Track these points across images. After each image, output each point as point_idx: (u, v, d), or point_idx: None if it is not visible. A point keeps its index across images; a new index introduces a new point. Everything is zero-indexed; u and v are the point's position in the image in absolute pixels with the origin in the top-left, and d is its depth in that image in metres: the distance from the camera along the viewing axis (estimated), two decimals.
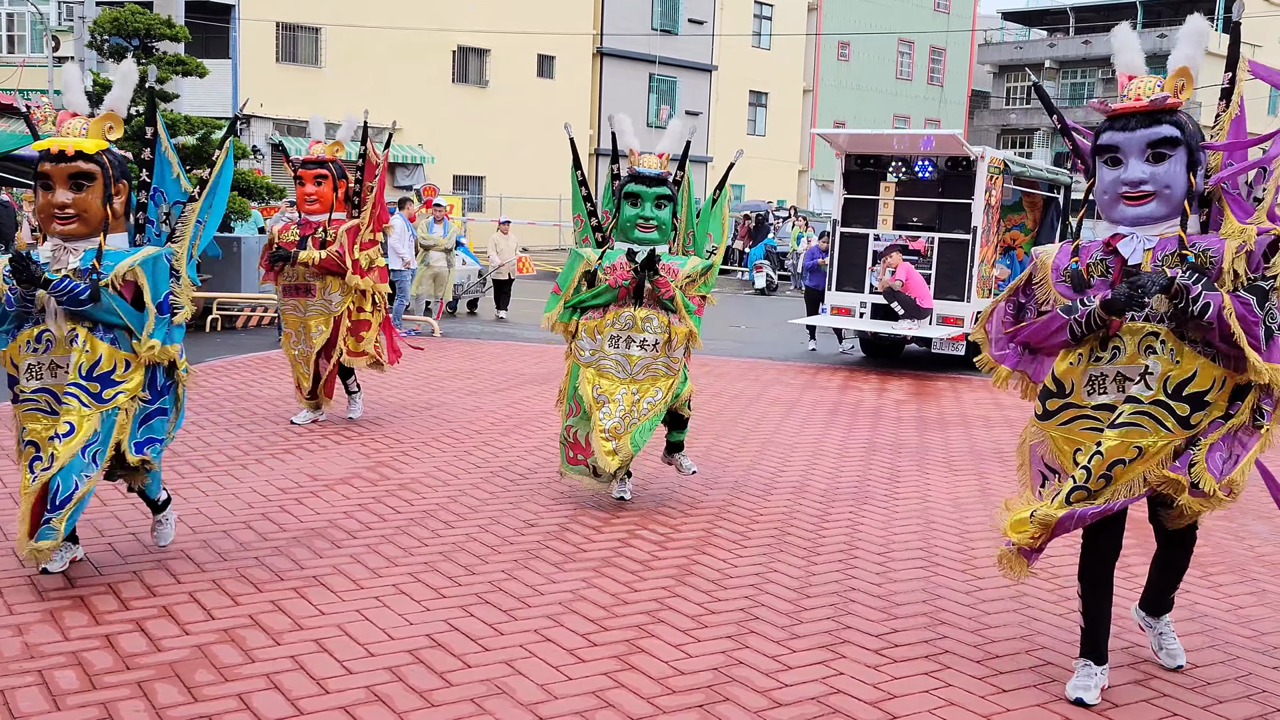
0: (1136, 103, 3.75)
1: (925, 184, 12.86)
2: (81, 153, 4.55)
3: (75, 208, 4.56)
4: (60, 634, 4.17)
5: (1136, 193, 3.75)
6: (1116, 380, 3.81)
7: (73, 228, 4.59)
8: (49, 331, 4.58)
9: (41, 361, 4.58)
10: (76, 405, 4.52)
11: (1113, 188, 3.80)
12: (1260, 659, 4.45)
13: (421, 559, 5.25)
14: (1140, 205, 3.76)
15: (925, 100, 51.93)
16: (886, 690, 4.00)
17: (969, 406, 10.57)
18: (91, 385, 4.57)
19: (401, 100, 31.12)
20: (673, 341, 6.19)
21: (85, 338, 4.56)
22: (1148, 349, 3.75)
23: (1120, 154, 3.77)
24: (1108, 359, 3.82)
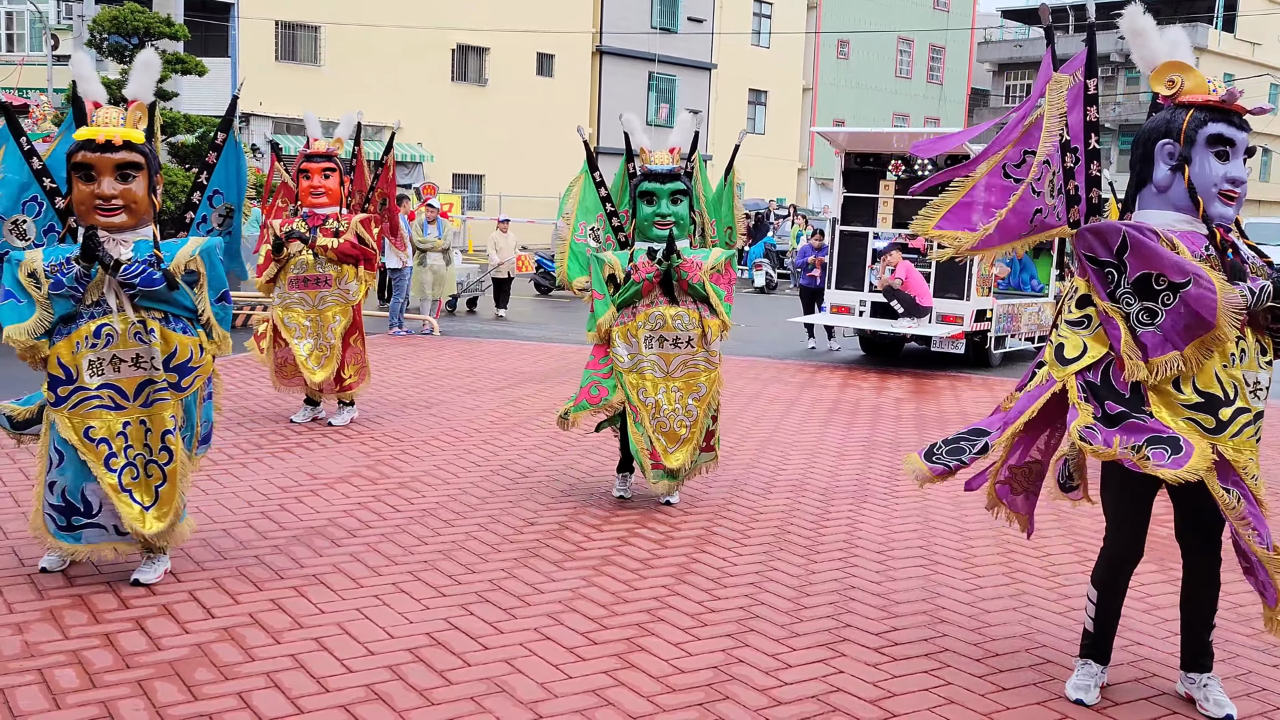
0: (1239, 106, 3.71)
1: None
2: (129, 142, 4.52)
3: (123, 199, 4.52)
4: (60, 632, 4.17)
5: (1236, 192, 3.69)
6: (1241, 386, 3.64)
7: (120, 219, 4.55)
8: (109, 325, 4.55)
9: (103, 357, 4.55)
10: (169, 399, 4.61)
11: (1218, 181, 3.66)
12: (1260, 657, 4.45)
13: (421, 557, 5.25)
14: (1232, 205, 3.71)
15: (925, 98, 51.92)
16: (886, 689, 4.00)
17: (968, 405, 10.57)
18: (170, 376, 4.62)
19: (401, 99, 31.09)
20: (707, 335, 6.21)
21: (159, 330, 4.59)
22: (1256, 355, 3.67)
23: (1232, 150, 3.68)
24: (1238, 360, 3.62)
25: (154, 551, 4.78)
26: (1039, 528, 6.20)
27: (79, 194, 4.53)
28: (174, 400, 4.65)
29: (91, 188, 4.49)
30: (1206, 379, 3.59)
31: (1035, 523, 6.33)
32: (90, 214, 4.52)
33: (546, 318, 17.70)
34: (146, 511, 4.64)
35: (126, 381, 4.59)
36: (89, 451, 4.57)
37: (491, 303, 17.59)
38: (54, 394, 4.59)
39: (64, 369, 4.56)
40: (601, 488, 6.71)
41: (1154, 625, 4.77)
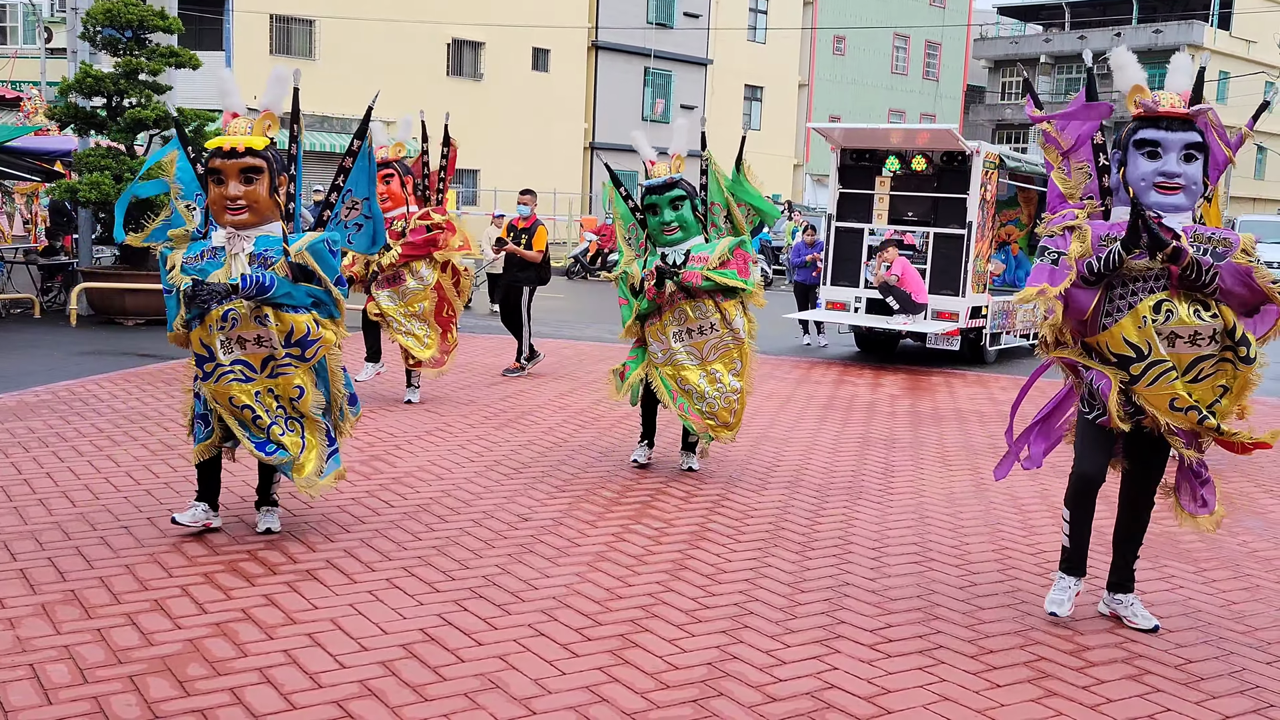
0: (1173, 109, 4.37)
1: (920, 178, 12.86)
2: (250, 149, 5.07)
3: (246, 199, 5.07)
4: (52, 628, 4.16)
5: (1172, 183, 4.34)
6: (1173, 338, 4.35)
7: (244, 217, 5.10)
8: (233, 310, 5.08)
9: (230, 337, 5.12)
10: (292, 370, 5.20)
11: (1147, 176, 4.36)
12: (1254, 654, 4.45)
13: (415, 553, 5.24)
14: (1173, 195, 4.35)
15: (921, 95, 51.90)
16: (881, 685, 3.99)
17: (963, 401, 10.57)
18: (294, 350, 5.18)
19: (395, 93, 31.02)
20: (726, 316, 6.76)
21: (273, 314, 5.11)
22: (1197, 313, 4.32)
23: (1161, 148, 4.34)
24: (1163, 320, 4.33)
25: (268, 505, 5.52)
26: (1033, 524, 6.20)
27: (212, 195, 5.16)
28: (299, 370, 5.23)
29: (221, 190, 5.09)
30: (1117, 344, 4.41)
31: (1029, 517, 6.35)
32: (221, 213, 5.12)
33: (542, 313, 17.66)
34: (299, 457, 5.28)
35: (252, 357, 5.19)
36: (232, 415, 5.23)
37: (486, 298, 17.56)
38: (201, 369, 5.24)
39: (206, 348, 5.19)
40: (596, 483, 6.71)
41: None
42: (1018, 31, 59.82)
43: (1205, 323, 4.31)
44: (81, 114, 14.54)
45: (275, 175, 5.17)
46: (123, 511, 5.67)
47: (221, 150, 5.08)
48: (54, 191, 15.08)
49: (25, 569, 4.76)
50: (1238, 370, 4.38)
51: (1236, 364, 4.37)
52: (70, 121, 14.69)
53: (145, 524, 5.48)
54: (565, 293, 21.88)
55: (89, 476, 6.34)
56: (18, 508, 5.67)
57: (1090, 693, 4.01)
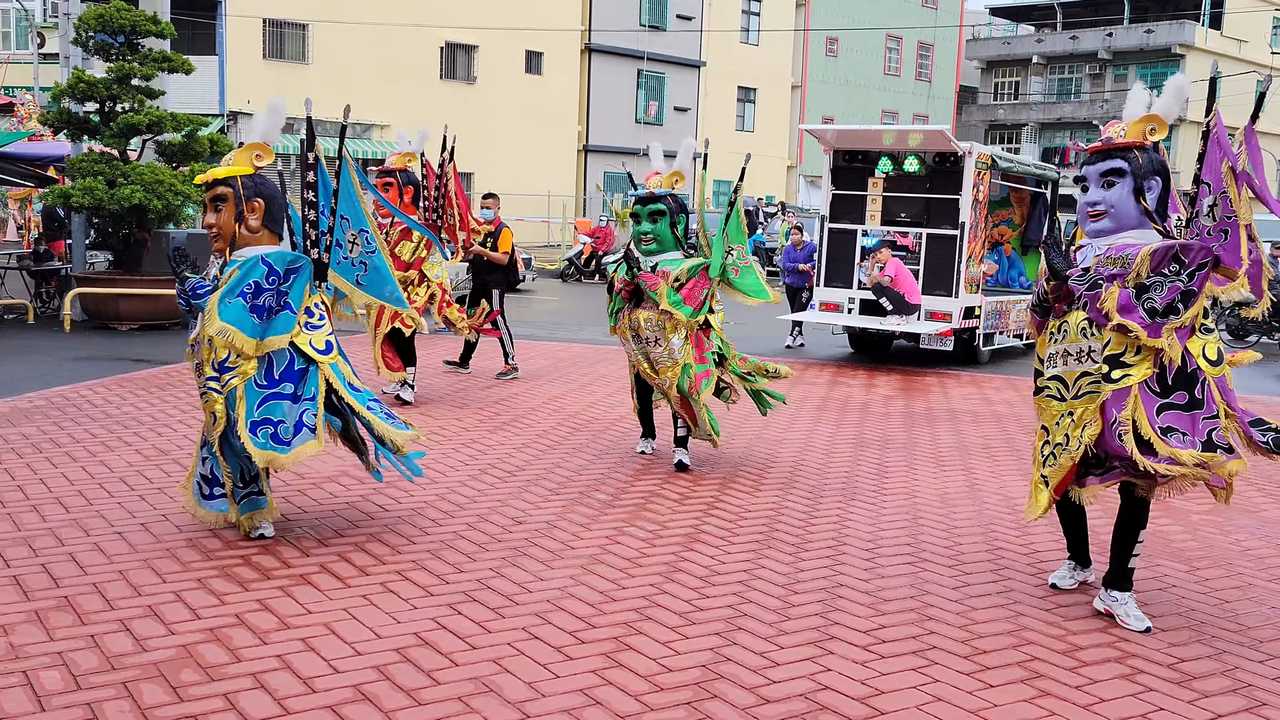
0: (1090, 146, 4.82)
1: (913, 179, 12.87)
2: (217, 179, 5.34)
3: (216, 226, 5.33)
4: (46, 634, 4.15)
5: (1094, 210, 4.74)
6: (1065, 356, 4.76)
7: (219, 244, 5.37)
8: (195, 333, 5.34)
9: (194, 361, 5.41)
10: (213, 396, 5.26)
11: (1081, 210, 4.81)
12: (1246, 653, 4.46)
13: (409, 557, 5.24)
14: (1096, 221, 4.75)
15: (913, 96, 51.98)
16: (874, 686, 4.00)
17: (957, 402, 10.59)
18: (219, 377, 5.24)
19: (389, 97, 31.09)
20: (671, 333, 6.96)
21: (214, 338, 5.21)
22: (1083, 330, 4.69)
23: (1087, 181, 4.78)
24: (1060, 339, 4.78)
25: None
26: (1026, 525, 6.21)
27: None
28: (216, 396, 5.22)
29: (205, 220, 5.39)
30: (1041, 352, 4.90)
31: (1021, 511, 6.36)
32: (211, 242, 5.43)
33: (535, 316, 17.68)
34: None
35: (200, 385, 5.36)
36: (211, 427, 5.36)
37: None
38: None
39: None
40: (591, 486, 6.71)
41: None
42: (1010, 32, 59.89)
43: (1086, 342, 4.68)
44: (74, 119, 14.54)
45: (241, 202, 5.30)
46: (117, 517, 5.67)
47: (202, 185, 5.44)
48: (47, 197, 15.06)
49: (19, 575, 4.76)
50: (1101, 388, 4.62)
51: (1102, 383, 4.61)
52: (63, 127, 14.68)
53: (139, 530, 5.47)
54: (559, 295, 21.89)
55: (83, 482, 6.33)
56: (11, 514, 5.67)
57: (1083, 692, 4.02)
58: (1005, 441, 8.67)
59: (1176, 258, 4.50)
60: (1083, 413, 4.65)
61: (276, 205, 5.43)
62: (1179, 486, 4.68)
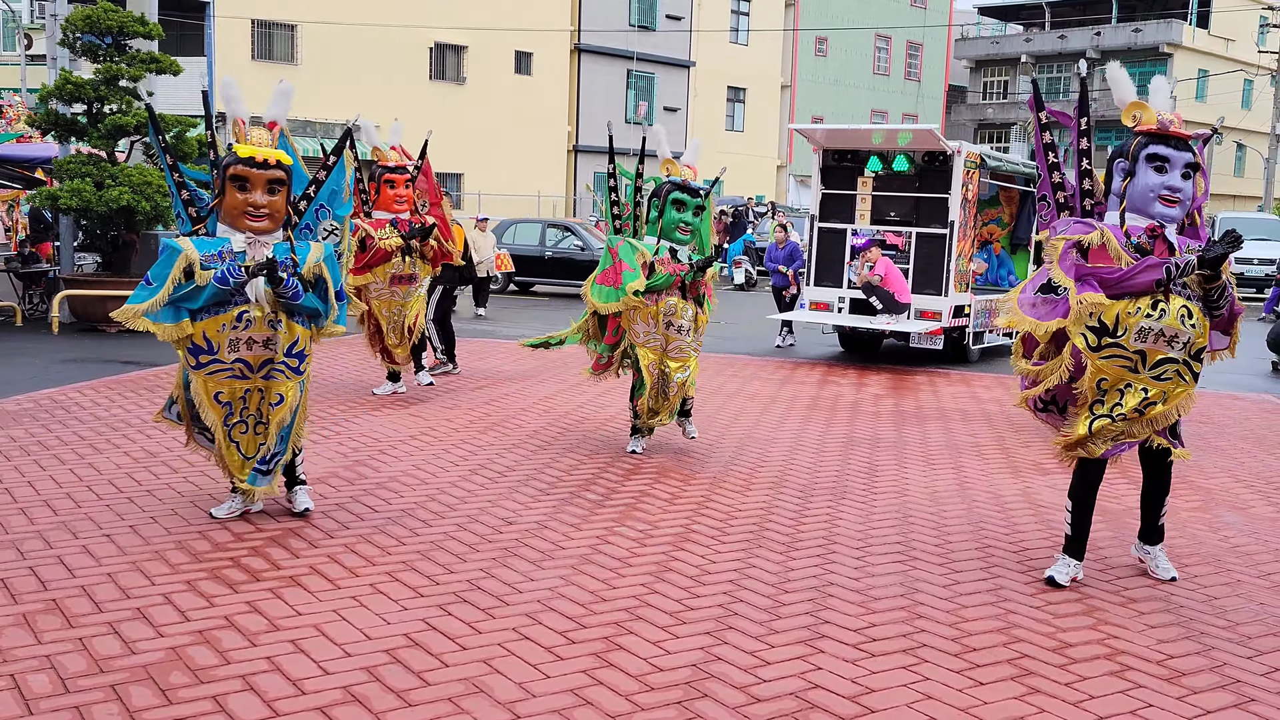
0: (1179, 131, 4.87)
1: (902, 179, 12.90)
2: (280, 162, 5.47)
3: (269, 208, 5.45)
4: (33, 637, 4.14)
5: (1174, 197, 4.85)
6: (1157, 335, 4.85)
7: (264, 224, 5.48)
8: (248, 313, 5.46)
9: (239, 337, 5.48)
10: (282, 379, 5.58)
11: (1155, 188, 4.85)
12: (1235, 649, 4.48)
13: (399, 558, 5.23)
14: (1173, 208, 4.88)
15: (903, 95, 52.07)
16: (865, 684, 4.00)
17: (947, 401, 10.61)
18: (291, 361, 5.60)
19: (378, 97, 31.01)
20: (699, 329, 7.48)
21: (286, 322, 5.54)
22: (1182, 318, 4.83)
23: (1169, 165, 4.85)
24: (1156, 317, 4.82)
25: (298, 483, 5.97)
26: (1016, 523, 6.23)
27: (232, 200, 5.43)
28: (291, 381, 5.60)
29: (245, 196, 5.41)
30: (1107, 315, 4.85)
31: (1012, 516, 6.38)
32: (240, 218, 5.45)
33: (525, 317, 17.67)
34: (247, 462, 5.66)
35: (254, 358, 5.53)
36: (212, 410, 5.56)
37: (470, 302, 17.54)
38: (194, 359, 5.53)
39: (207, 342, 5.47)
40: (581, 486, 6.71)
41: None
42: (998, 31, 60.06)
43: (1185, 329, 4.84)
44: (62, 121, 14.48)
45: (290, 190, 5.59)
46: (105, 520, 5.65)
47: (254, 160, 5.40)
48: (35, 199, 15.01)
49: (6, 578, 4.73)
50: (1185, 383, 4.96)
51: (1188, 378, 4.95)
52: (51, 128, 14.63)
53: (128, 532, 5.46)
54: (549, 295, 21.88)
55: (71, 485, 6.31)
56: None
57: (1073, 689, 4.03)
58: (995, 440, 8.68)
59: None
60: (1172, 394, 4.92)
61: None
62: None
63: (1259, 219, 29.85)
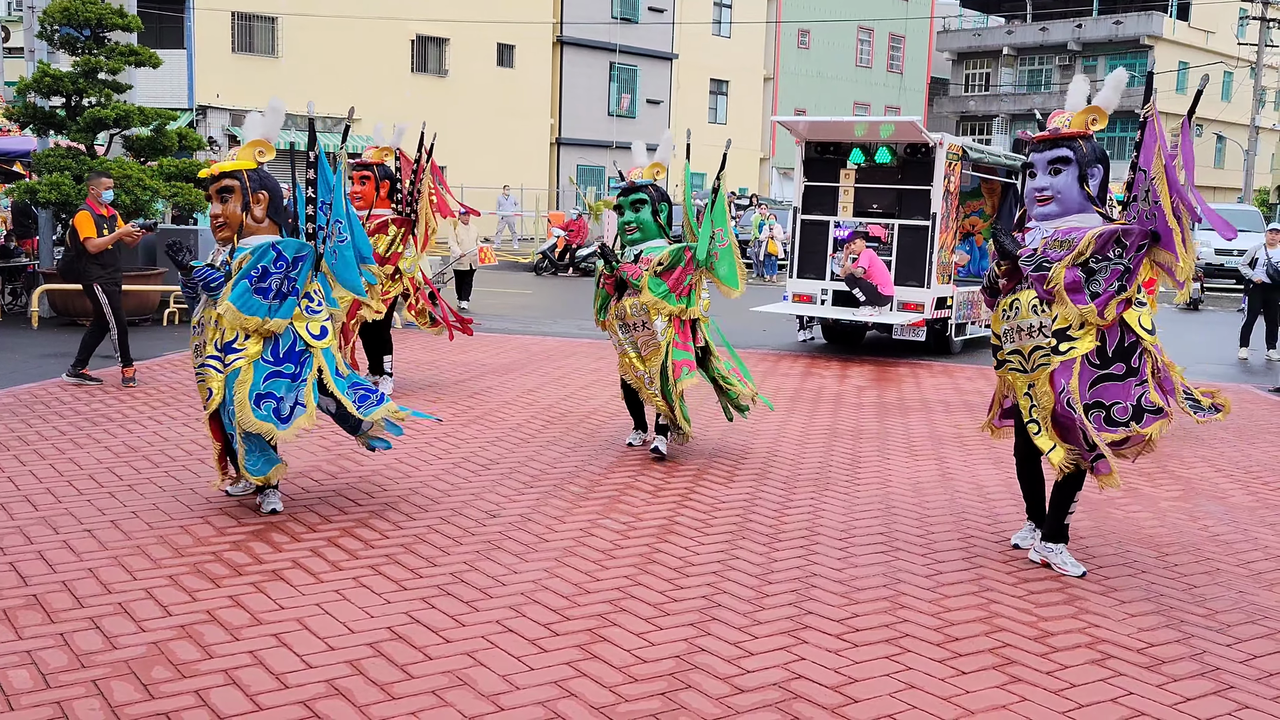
0: (1038, 136, 5.19)
1: (885, 171, 12.92)
2: (224, 172, 5.65)
3: (222, 216, 5.65)
4: (14, 633, 4.12)
5: (1043, 196, 5.14)
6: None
7: (224, 233, 5.68)
8: (202, 315, 5.71)
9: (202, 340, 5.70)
10: (211, 373, 5.63)
11: (1029, 195, 5.22)
12: (1215, 637, 4.51)
13: (382, 551, 5.22)
14: (1047, 205, 5.15)
15: (885, 87, 52.12)
16: (848, 674, 4.02)
17: (929, 392, 10.64)
18: (226, 356, 5.59)
19: (360, 90, 30.86)
20: (649, 323, 7.16)
21: (218, 318, 5.58)
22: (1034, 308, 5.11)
23: (1034, 168, 5.18)
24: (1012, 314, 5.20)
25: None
26: (998, 513, 6.26)
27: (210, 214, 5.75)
28: (218, 376, 5.59)
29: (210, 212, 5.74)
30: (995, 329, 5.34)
31: (994, 506, 6.41)
32: (214, 232, 5.74)
33: (509, 309, 17.65)
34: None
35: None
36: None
37: (454, 294, 17.50)
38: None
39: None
40: (564, 478, 6.71)
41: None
42: (980, 24, 60.16)
43: (1037, 319, 5.10)
44: (40, 114, 14.37)
45: (249, 193, 5.64)
46: (86, 515, 5.62)
47: (206, 179, 5.72)
48: (13, 193, 14.89)
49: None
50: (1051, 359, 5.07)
51: (1051, 355, 5.06)
52: (29, 121, 14.51)
53: (109, 526, 5.43)
54: (533, 289, 21.85)
55: (52, 480, 6.27)
56: None
57: (1054, 678, 4.05)
58: (977, 430, 8.71)
59: (1119, 241, 4.92)
60: (1039, 386, 5.10)
61: (279, 198, 5.79)
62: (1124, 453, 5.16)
63: (1240, 210, 30.02)
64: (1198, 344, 15.33)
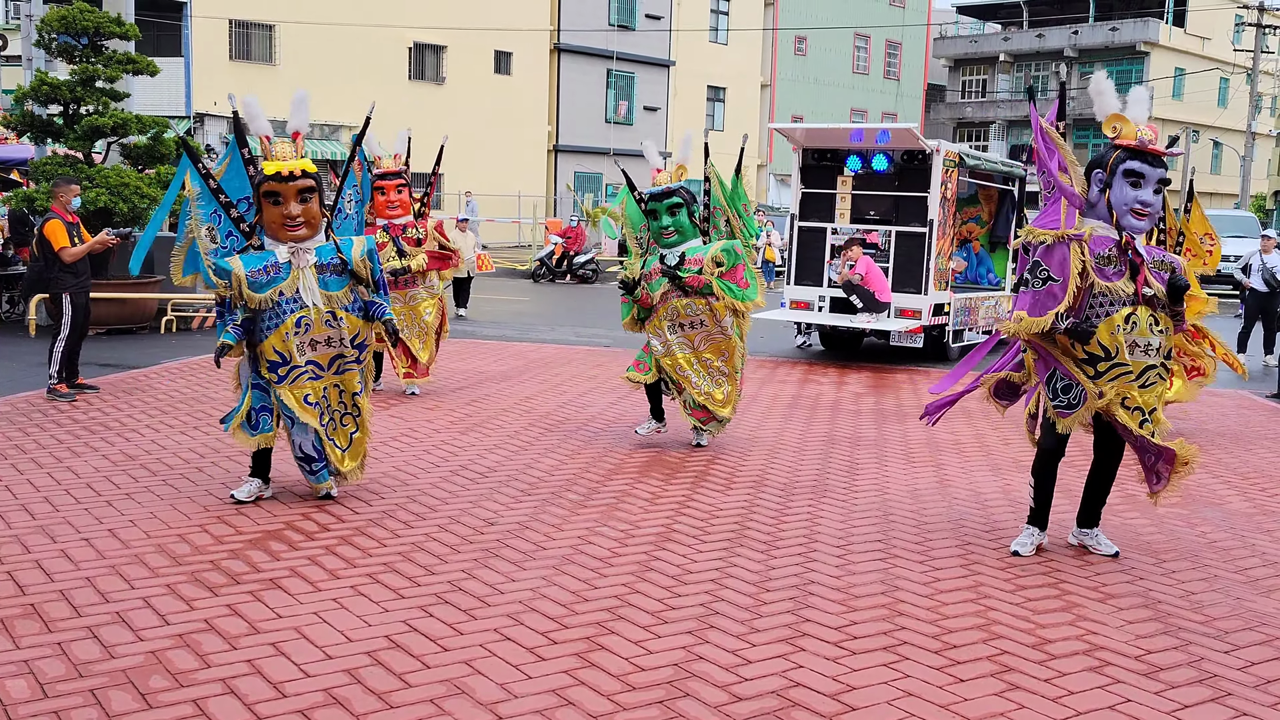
0: (1155, 148, 5.16)
1: (882, 178, 12.93)
2: (305, 171, 5.79)
3: (304, 216, 5.81)
4: (11, 642, 4.11)
5: (1146, 211, 5.16)
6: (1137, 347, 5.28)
7: (302, 232, 5.86)
8: (306, 317, 5.87)
9: (304, 340, 5.89)
10: (355, 368, 6.06)
11: (1130, 201, 5.15)
12: (1212, 644, 4.51)
13: (380, 560, 5.22)
14: (1143, 220, 5.18)
15: (882, 94, 52.19)
16: (845, 682, 4.02)
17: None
18: (353, 351, 6.04)
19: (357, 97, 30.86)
20: (716, 316, 7.56)
21: (345, 316, 5.98)
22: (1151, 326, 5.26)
23: (1143, 180, 5.14)
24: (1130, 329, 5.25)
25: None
26: (996, 520, 6.26)
27: (270, 215, 5.82)
28: (357, 369, 6.07)
29: (280, 209, 5.78)
30: (1092, 345, 5.25)
31: (991, 513, 6.41)
32: (280, 230, 5.83)
33: (506, 317, 17.65)
34: (344, 453, 6.12)
35: (322, 357, 5.97)
36: (306, 412, 5.94)
37: (451, 302, 17.50)
38: (275, 374, 5.90)
39: (279, 354, 5.87)
40: (562, 486, 6.71)
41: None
42: (977, 30, 60.27)
43: (1156, 337, 5.25)
44: (38, 122, 14.37)
45: (322, 192, 5.92)
46: (83, 523, 5.62)
47: (280, 175, 5.73)
48: (11, 201, 14.89)
49: None
50: (1165, 382, 5.36)
51: (1166, 377, 5.35)
52: (26, 130, 14.51)
53: (106, 536, 5.43)
54: (531, 296, 21.86)
55: (49, 488, 6.27)
56: None
57: (1052, 685, 4.05)
58: (975, 437, 8.72)
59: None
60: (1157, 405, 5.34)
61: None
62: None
63: (1236, 216, 30.07)
64: None
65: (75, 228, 9.44)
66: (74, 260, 9.25)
